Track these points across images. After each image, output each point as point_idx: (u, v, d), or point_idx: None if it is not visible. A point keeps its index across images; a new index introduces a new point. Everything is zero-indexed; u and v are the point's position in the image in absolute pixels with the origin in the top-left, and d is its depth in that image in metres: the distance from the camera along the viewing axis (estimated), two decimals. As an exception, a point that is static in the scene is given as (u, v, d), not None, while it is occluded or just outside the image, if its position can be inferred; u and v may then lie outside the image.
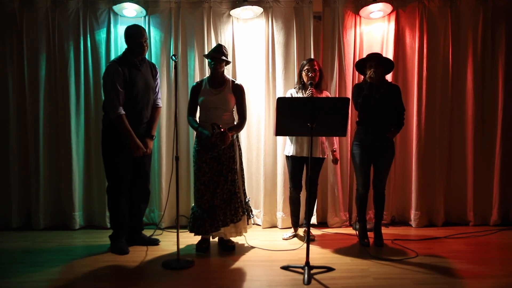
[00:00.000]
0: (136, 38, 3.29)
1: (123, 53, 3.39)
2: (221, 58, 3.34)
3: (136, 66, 3.34)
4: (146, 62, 3.45)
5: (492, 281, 2.88)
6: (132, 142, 3.29)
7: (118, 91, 3.23)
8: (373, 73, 3.40)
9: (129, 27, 3.37)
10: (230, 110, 3.41)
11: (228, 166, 3.36)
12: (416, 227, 4.14)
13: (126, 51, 3.37)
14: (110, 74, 3.25)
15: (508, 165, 4.19)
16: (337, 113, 2.95)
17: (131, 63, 3.32)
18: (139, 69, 3.36)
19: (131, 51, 3.33)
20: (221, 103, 3.35)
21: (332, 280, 2.88)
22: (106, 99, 3.34)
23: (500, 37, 4.13)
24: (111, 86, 3.24)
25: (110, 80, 3.24)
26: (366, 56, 3.54)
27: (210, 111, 3.34)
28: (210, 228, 3.35)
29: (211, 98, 3.35)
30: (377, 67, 3.43)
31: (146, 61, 3.46)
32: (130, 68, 3.31)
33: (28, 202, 4.09)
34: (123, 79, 3.25)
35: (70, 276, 2.96)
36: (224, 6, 4.09)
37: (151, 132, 3.49)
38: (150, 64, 3.54)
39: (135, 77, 3.31)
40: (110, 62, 3.37)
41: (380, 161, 3.54)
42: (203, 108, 3.40)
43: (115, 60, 3.34)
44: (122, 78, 3.25)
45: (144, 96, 3.38)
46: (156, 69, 3.57)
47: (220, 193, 3.35)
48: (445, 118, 4.18)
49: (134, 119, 3.33)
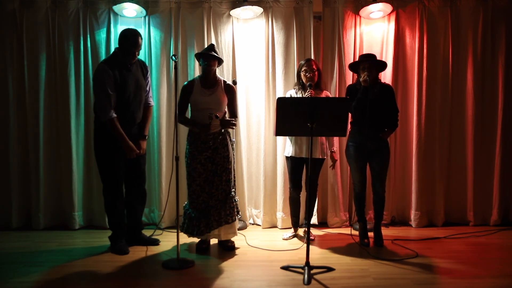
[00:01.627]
0: (130, 47, 3.24)
1: (113, 53, 3.33)
2: (213, 55, 3.31)
3: (127, 66, 3.29)
4: (136, 61, 3.38)
5: (492, 281, 2.88)
6: (125, 144, 3.26)
7: (109, 94, 3.18)
8: (367, 77, 3.38)
9: (127, 32, 3.29)
10: (223, 111, 3.38)
11: (222, 166, 3.35)
12: (416, 227, 4.14)
13: (117, 51, 3.31)
14: (101, 77, 3.19)
15: (508, 165, 4.19)
16: (337, 113, 2.95)
17: (121, 64, 3.27)
18: (130, 69, 3.30)
19: (123, 54, 3.27)
20: (214, 104, 3.32)
21: (332, 280, 2.88)
22: (96, 102, 3.28)
23: (500, 37, 4.13)
24: (101, 90, 3.18)
25: (101, 83, 3.18)
26: (359, 59, 3.54)
27: (203, 111, 3.29)
28: (205, 228, 3.33)
29: (204, 99, 3.33)
30: (371, 69, 3.43)
31: (136, 60, 3.38)
32: (121, 69, 3.25)
33: (28, 202, 4.09)
34: (113, 81, 3.19)
35: (70, 276, 2.96)
36: (224, 6, 4.09)
37: (144, 133, 3.46)
38: (141, 62, 3.47)
39: (126, 78, 3.26)
40: (100, 63, 3.31)
41: (375, 162, 3.54)
42: (196, 108, 3.36)
43: (104, 62, 3.29)
44: (112, 80, 3.19)
45: (136, 97, 3.34)
46: (146, 68, 3.51)
47: (216, 193, 3.34)
48: (445, 118, 4.18)
49: (126, 120, 3.30)
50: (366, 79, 3.39)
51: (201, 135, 3.29)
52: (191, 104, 3.39)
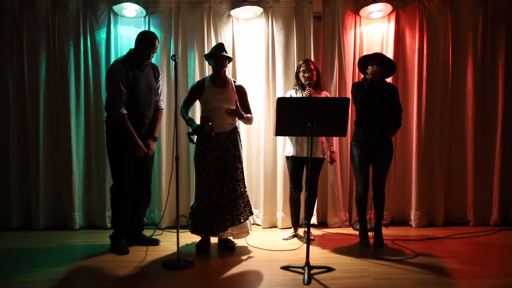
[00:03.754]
0: (147, 48, 3.30)
1: (128, 53, 3.38)
2: (224, 55, 3.34)
3: (140, 67, 3.35)
4: (149, 63, 3.46)
5: (492, 281, 2.88)
6: (134, 142, 3.29)
7: (121, 90, 3.23)
8: (376, 70, 3.38)
9: (145, 34, 3.37)
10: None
11: (233, 165, 3.36)
12: (416, 227, 4.14)
13: (132, 52, 3.36)
14: (114, 73, 3.25)
15: (508, 165, 4.19)
16: (337, 113, 2.95)
17: (135, 64, 3.33)
18: (142, 70, 3.37)
19: (137, 55, 3.33)
20: (225, 101, 3.35)
21: (332, 280, 2.88)
22: (108, 98, 3.33)
23: (500, 37, 4.13)
24: (114, 85, 3.24)
25: (114, 79, 3.24)
26: (371, 54, 3.53)
27: (214, 109, 3.32)
28: (219, 228, 3.35)
29: (215, 97, 3.35)
30: (380, 66, 3.43)
31: (149, 63, 3.46)
32: (134, 69, 3.31)
33: (28, 202, 4.09)
34: (126, 79, 3.25)
35: (70, 276, 2.96)
36: (224, 6, 4.09)
37: (154, 134, 3.49)
38: (153, 66, 3.54)
39: (138, 78, 3.31)
40: (114, 61, 3.37)
41: (379, 161, 3.54)
42: (207, 107, 3.38)
43: (119, 60, 3.34)
44: (125, 78, 3.25)
45: (146, 97, 3.38)
46: (158, 71, 3.57)
47: (227, 193, 3.35)
48: (445, 118, 4.18)
49: (136, 119, 3.33)
50: (376, 70, 3.38)
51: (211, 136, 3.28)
52: (202, 103, 3.41)
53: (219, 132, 3.34)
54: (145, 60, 3.36)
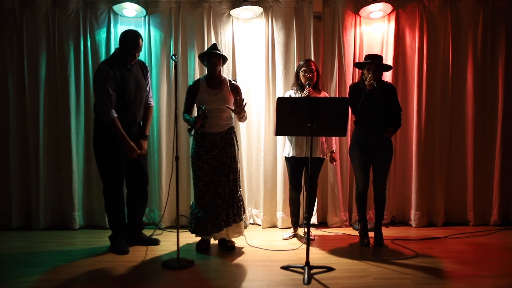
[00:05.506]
0: (131, 48, 3.24)
1: (114, 53, 3.33)
2: (217, 53, 3.30)
3: (127, 67, 3.29)
4: (136, 62, 3.38)
5: (492, 281, 2.88)
6: (126, 145, 3.26)
7: (110, 94, 3.17)
8: (373, 81, 3.35)
9: (127, 34, 3.29)
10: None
11: (229, 165, 3.36)
12: (416, 227, 4.14)
13: (117, 52, 3.30)
14: (102, 76, 3.18)
15: (508, 165, 4.19)
16: (337, 113, 2.95)
17: (122, 64, 3.27)
18: (130, 70, 3.31)
19: (123, 55, 3.27)
20: (220, 103, 3.33)
21: (332, 280, 2.88)
22: (97, 102, 3.28)
23: (500, 37, 4.13)
24: (102, 89, 3.18)
25: (102, 83, 3.18)
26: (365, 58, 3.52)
27: (210, 111, 3.30)
28: (213, 228, 3.35)
29: (210, 98, 3.33)
30: (376, 71, 3.42)
31: (136, 61, 3.38)
32: (121, 69, 3.25)
33: (28, 202, 4.09)
34: (114, 81, 3.19)
35: (70, 276, 2.96)
36: (224, 6, 4.09)
37: (145, 132, 3.47)
38: (141, 63, 3.48)
39: (126, 79, 3.26)
40: (100, 64, 3.31)
41: (379, 161, 3.54)
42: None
43: (105, 62, 3.28)
44: (113, 80, 3.19)
45: (137, 97, 3.34)
46: (146, 68, 3.52)
47: (222, 193, 3.34)
48: (445, 118, 4.18)
49: (127, 120, 3.30)
50: (372, 83, 3.35)
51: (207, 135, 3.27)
52: (197, 103, 3.39)
53: (215, 132, 3.33)
54: (132, 60, 3.30)
